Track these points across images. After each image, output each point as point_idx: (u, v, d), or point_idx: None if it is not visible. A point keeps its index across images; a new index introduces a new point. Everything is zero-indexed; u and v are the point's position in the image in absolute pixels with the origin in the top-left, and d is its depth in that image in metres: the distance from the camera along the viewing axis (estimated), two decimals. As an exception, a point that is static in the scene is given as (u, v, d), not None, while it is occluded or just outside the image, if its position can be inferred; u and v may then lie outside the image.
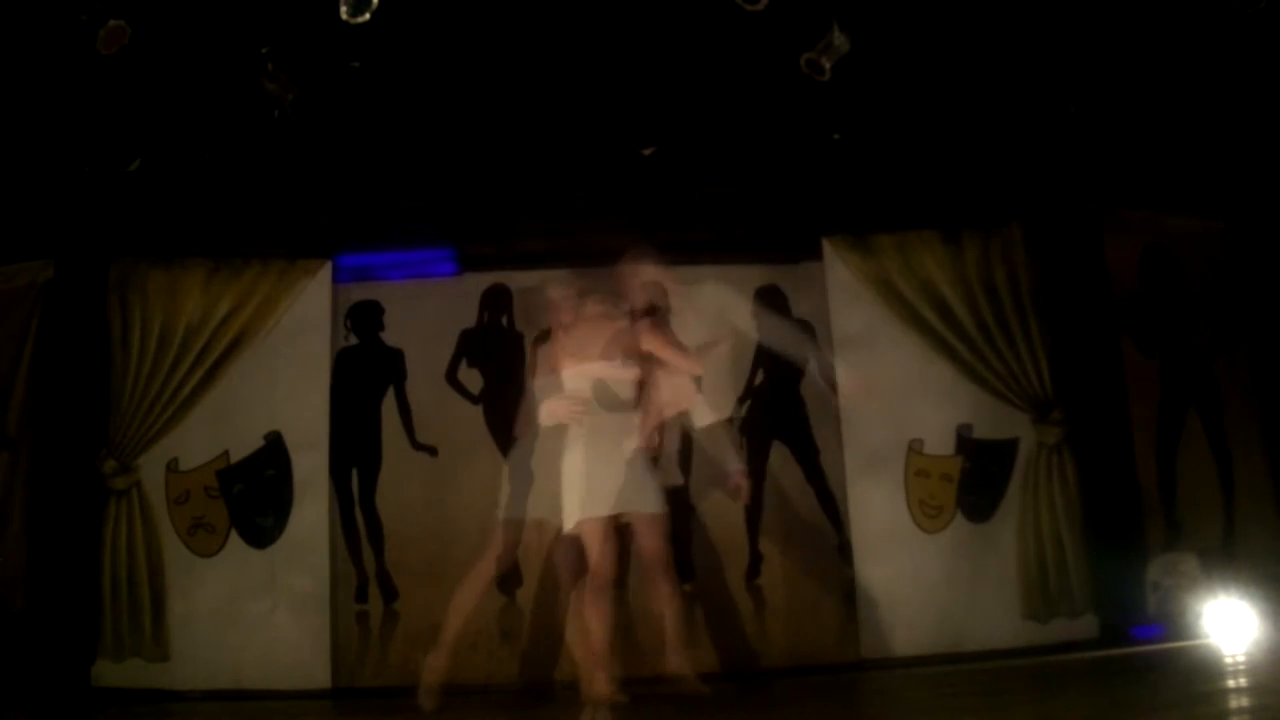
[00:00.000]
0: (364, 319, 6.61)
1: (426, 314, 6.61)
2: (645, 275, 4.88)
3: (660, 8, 5.15)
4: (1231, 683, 4.10)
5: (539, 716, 4.95)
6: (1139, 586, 6.11)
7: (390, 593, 6.35)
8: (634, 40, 5.33)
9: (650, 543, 4.78)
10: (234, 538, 6.17)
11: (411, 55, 5.37)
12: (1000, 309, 6.42)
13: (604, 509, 4.58)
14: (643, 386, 4.77)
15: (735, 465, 5.13)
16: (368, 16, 4.54)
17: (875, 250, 6.49)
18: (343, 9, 4.52)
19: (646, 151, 6.14)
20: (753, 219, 6.68)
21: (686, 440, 5.25)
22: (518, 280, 6.56)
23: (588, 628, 4.51)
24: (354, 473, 6.45)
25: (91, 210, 6.19)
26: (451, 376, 6.54)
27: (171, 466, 6.21)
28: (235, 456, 6.25)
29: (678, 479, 4.99)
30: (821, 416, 6.53)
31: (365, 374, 6.53)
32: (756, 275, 6.70)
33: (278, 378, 6.30)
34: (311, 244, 6.48)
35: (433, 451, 6.46)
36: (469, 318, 6.61)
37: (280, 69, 5.08)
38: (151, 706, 5.72)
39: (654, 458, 4.86)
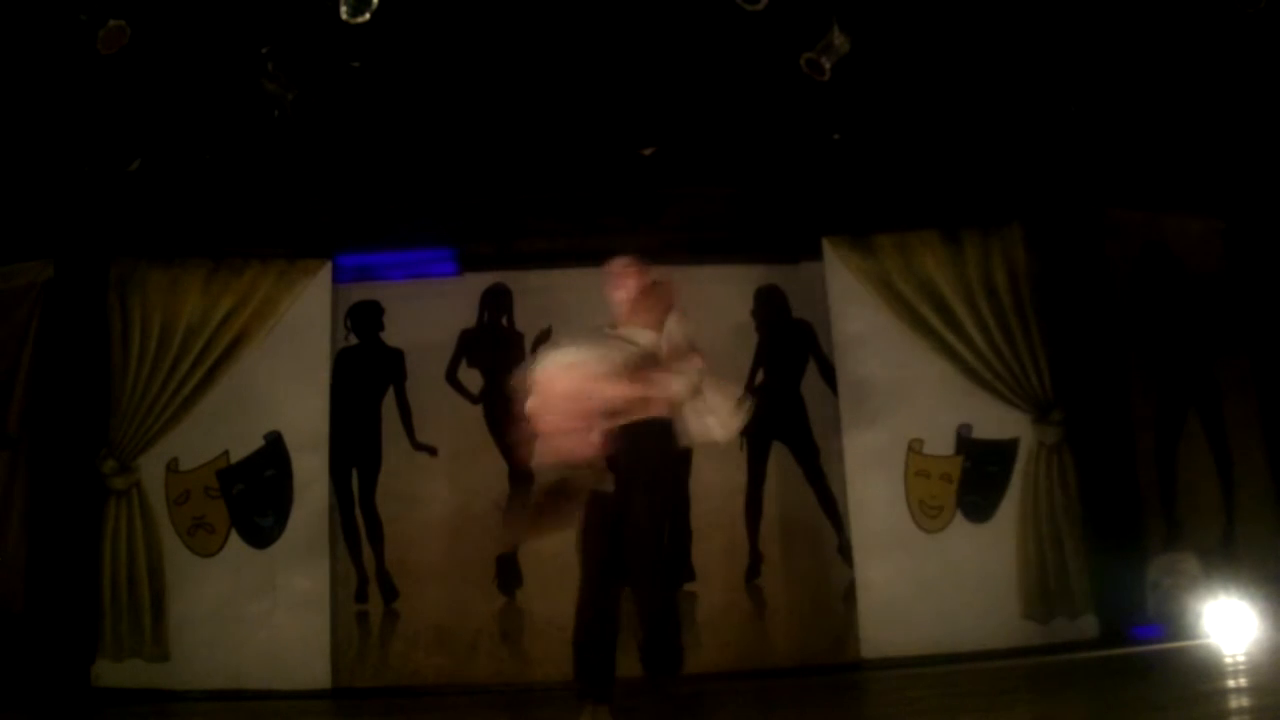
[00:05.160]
0: (364, 319, 6.61)
1: (426, 314, 6.61)
2: (635, 280, 4.58)
3: (660, 8, 5.15)
4: (1231, 683, 4.10)
5: (539, 716, 4.94)
6: (1139, 586, 6.11)
7: (390, 593, 6.35)
8: (634, 41, 5.33)
9: None
10: (234, 538, 6.17)
11: (411, 55, 5.36)
12: (1000, 309, 6.42)
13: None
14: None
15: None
16: (368, 16, 4.54)
17: (875, 250, 6.49)
18: (343, 9, 4.52)
19: (646, 151, 6.14)
20: (753, 219, 6.69)
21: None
22: (518, 280, 6.57)
23: None
24: (354, 473, 6.46)
25: (91, 210, 6.20)
26: (451, 376, 6.54)
27: (171, 466, 6.21)
28: (235, 456, 6.25)
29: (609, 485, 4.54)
30: (821, 416, 6.54)
31: (365, 374, 6.54)
32: (756, 275, 6.71)
33: (278, 378, 6.31)
34: (311, 244, 6.49)
35: (433, 451, 6.47)
36: (469, 318, 6.62)
37: (280, 69, 5.08)
38: (151, 706, 5.72)
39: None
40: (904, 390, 6.37)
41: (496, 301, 6.63)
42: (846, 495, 6.34)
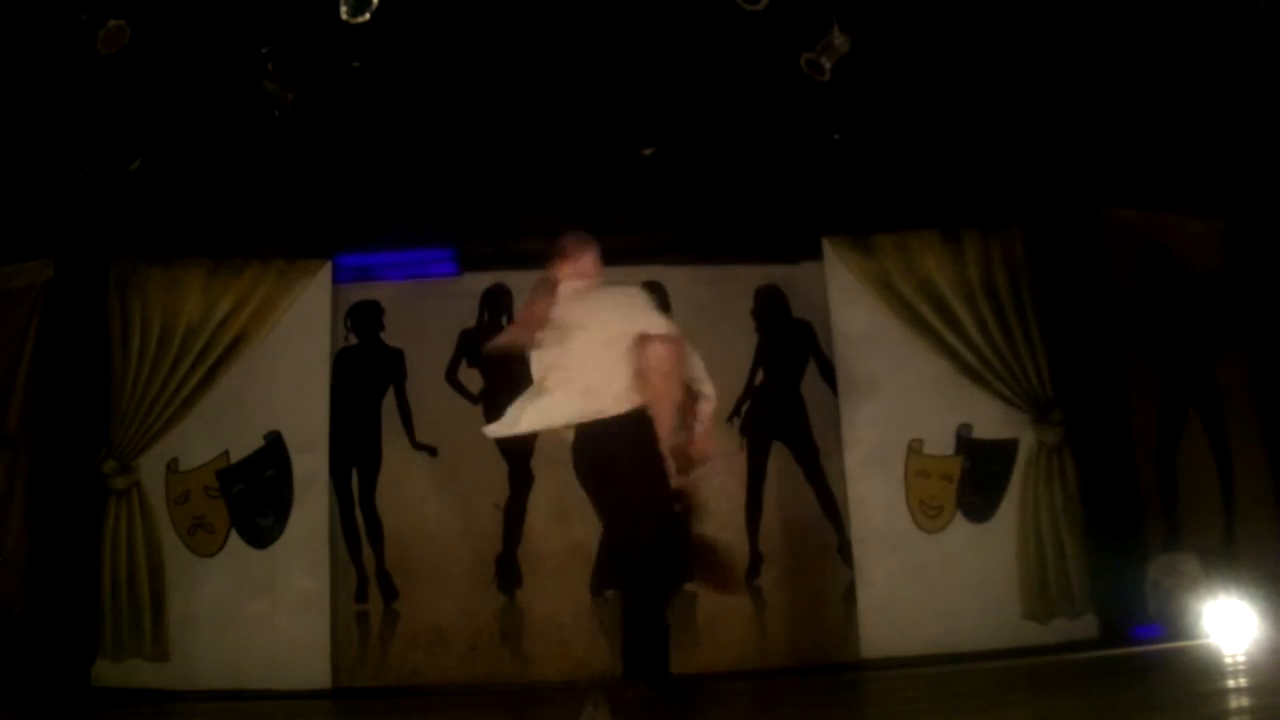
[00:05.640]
0: (364, 319, 6.61)
1: (426, 314, 6.61)
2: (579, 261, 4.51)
3: (660, 8, 5.15)
4: (1231, 683, 4.09)
5: (539, 716, 4.93)
6: (1139, 586, 6.10)
7: (390, 593, 6.35)
8: (634, 40, 5.33)
9: None
10: (234, 538, 6.17)
11: (411, 55, 5.36)
12: (1000, 309, 6.42)
13: None
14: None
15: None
16: (368, 16, 4.54)
17: (875, 250, 6.49)
18: (343, 9, 4.52)
19: (646, 151, 6.14)
20: (753, 219, 6.68)
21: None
22: (518, 280, 6.57)
23: None
24: (354, 473, 6.46)
25: (91, 210, 6.19)
26: (451, 376, 6.54)
27: (171, 466, 6.21)
28: (235, 456, 6.25)
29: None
30: (821, 416, 6.53)
31: (365, 374, 6.54)
32: (756, 275, 6.71)
33: (278, 378, 6.30)
34: (311, 244, 6.49)
35: (433, 451, 6.47)
36: (469, 318, 6.61)
37: (280, 69, 5.08)
38: (151, 706, 5.72)
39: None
40: (904, 390, 6.37)
41: (496, 301, 6.63)
42: (846, 495, 6.34)
